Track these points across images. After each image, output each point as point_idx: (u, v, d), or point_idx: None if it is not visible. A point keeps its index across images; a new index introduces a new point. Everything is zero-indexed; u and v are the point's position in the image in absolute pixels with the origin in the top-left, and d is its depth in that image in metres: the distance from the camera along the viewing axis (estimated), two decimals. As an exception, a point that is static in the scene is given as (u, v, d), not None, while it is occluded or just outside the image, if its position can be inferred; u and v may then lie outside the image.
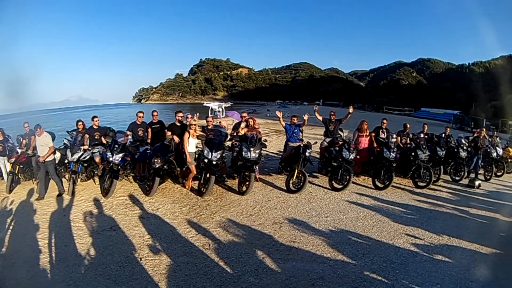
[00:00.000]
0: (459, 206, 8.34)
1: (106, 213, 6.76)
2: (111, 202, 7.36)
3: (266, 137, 14.79)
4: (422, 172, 9.58)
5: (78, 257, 4.99)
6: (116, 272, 4.51)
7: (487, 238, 6.43)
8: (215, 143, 7.74)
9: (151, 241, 5.36)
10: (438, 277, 4.87)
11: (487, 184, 11.07)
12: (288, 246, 5.46)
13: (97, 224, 6.14)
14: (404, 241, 6.01)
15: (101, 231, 5.87)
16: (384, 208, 7.74)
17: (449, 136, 12.08)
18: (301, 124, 9.66)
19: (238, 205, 7.21)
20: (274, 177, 9.71)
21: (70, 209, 6.96)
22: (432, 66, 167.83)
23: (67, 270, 4.61)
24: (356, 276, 4.65)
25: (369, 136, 10.41)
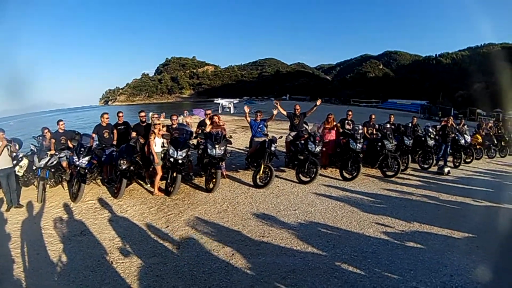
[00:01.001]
0: (429, 193, 8.72)
1: (76, 218, 6.73)
2: (80, 206, 7.33)
3: (233, 134, 15.00)
4: (389, 161, 9.99)
5: (50, 264, 4.94)
6: (88, 277, 4.54)
7: (459, 223, 6.74)
8: (180, 142, 7.88)
9: (121, 244, 5.41)
10: (411, 264, 5.03)
11: (456, 171, 11.68)
12: (257, 241, 5.57)
13: (67, 230, 6.10)
14: (374, 230, 6.20)
15: (72, 236, 5.83)
16: (353, 198, 8.02)
17: (416, 125, 12.63)
18: (267, 119, 9.92)
19: (206, 203, 7.36)
20: (241, 173, 9.90)
21: (41, 216, 6.87)
22: (399, 59, 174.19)
23: (41, 278, 4.60)
24: (328, 267, 4.77)
25: (336, 129, 10.72)
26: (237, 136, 17.18)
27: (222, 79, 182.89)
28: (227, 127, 18.70)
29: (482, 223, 6.90)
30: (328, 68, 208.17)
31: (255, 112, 10.09)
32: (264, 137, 9.37)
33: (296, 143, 9.67)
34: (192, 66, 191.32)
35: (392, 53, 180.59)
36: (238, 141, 15.24)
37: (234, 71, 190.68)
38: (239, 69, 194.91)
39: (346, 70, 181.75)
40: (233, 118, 31.18)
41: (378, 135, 10.60)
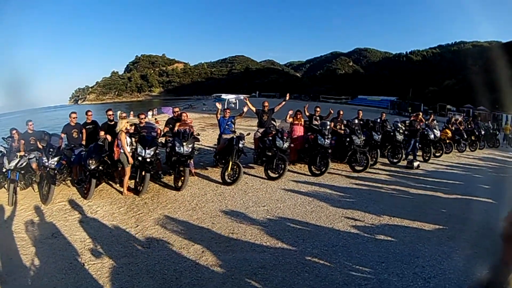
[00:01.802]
0: (399, 187, 9.03)
1: (47, 220, 6.64)
2: (51, 208, 7.22)
3: (202, 131, 15.37)
4: (358, 156, 10.33)
5: (23, 269, 4.88)
6: (61, 280, 4.54)
7: (429, 216, 6.98)
8: (148, 140, 7.98)
9: (92, 245, 5.43)
10: (382, 256, 5.17)
11: (426, 165, 12.16)
12: (227, 237, 5.66)
13: (39, 233, 6.02)
14: (344, 224, 6.35)
15: (44, 239, 5.75)
16: (322, 193, 8.20)
17: (385, 120, 13.09)
18: (235, 116, 10.13)
19: (175, 201, 7.47)
20: (210, 171, 10.00)
21: (12, 220, 6.74)
22: (369, 56, 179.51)
23: (15, 283, 4.57)
24: (298, 262, 4.86)
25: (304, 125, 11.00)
26: (206, 133, 17.35)
27: (191, 77, 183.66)
28: (197, 124, 18.71)
29: (453, 215, 7.16)
30: (298, 65, 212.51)
31: (224, 109, 10.26)
32: (232, 134, 9.52)
33: (264, 140, 9.82)
34: (161, 63, 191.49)
35: (363, 50, 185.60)
36: (207, 138, 15.42)
37: (204, 68, 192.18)
38: (209, 66, 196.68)
39: (316, 67, 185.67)
40: (202, 115, 31.22)
41: (346, 130, 10.86)
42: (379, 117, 13.15)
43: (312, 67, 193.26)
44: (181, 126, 9.05)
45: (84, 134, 9.12)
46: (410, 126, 12.57)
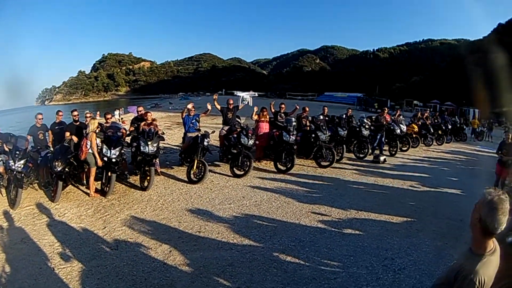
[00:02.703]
0: (365, 181, 9.29)
1: (15, 225, 6.51)
2: (19, 213, 7.08)
3: (168, 130, 15.40)
4: (324, 152, 10.51)
5: None
6: (32, 286, 4.51)
7: (397, 209, 7.19)
8: (113, 140, 7.96)
9: (61, 249, 5.40)
10: (350, 250, 5.28)
11: (392, 159, 12.57)
12: (194, 236, 5.72)
13: (8, 239, 5.92)
14: (310, 219, 6.47)
15: (13, 245, 5.65)
16: (288, 189, 8.31)
17: (351, 116, 13.56)
18: (199, 114, 10.22)
19: (142, 201, 7.49)
20: (176, 170, 10.03)
21: None
22: (336, 53, 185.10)
23: None
24: (266, 259, 4.96)
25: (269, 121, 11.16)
26: (172, 132, 17.44)
27: (158, 75, 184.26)
28: (163, 123, 18.58)
29: (421, 208, 7.38)
30: (265, 63, 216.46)
31: (186, 108, 10.30)
32: (197, 133, 9.58)
33: (229, 137, 9.91)
34: (128, 62, 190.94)
35: (330, 48, 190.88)
36: (173, 137, 15.47)
37: (170, 66, 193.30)
38: (175, 64, 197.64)
39: (282, 64, 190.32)
40: (168, 114, 31.45)
41: (312, 126, 11.02)
42: (345, 113, 13.48)
43: (279, 64, 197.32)
44: (145, 126, 9.07)
45: (50, 136, 9.02)
46: (376, 121, 13.00)
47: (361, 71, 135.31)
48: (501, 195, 1.94)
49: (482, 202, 1.97)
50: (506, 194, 1.96)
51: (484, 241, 2.00)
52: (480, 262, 1.94)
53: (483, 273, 1.91)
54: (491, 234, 1.96)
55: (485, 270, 1.92)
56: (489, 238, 1.99)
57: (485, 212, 1.92)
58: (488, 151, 16.24)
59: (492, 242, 2.02)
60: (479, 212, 1.96)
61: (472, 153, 16.41)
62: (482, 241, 2.00)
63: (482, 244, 2.00)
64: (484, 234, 1.97)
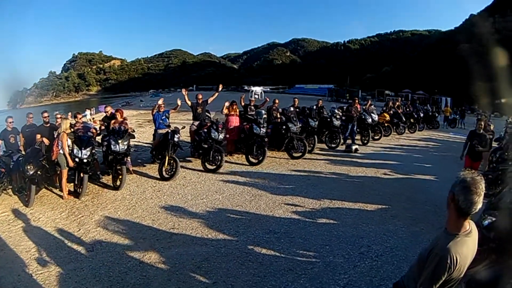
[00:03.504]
0: (338, 171, 9.46)
1: None
2: None
3: (140, 128, 15.43)
4: (295, 143, 10.65)
5: None
6: None
7: (371, 196, 7.33)
8: (83, 140, 7.90)
9: (38, 254, 5.35)
10: (326, 239, 5.35)
11: (364, 148, 12.87)
12: (168, 233, 5.75)
13: None
14: (284, 210, 6.54)
15: None
16: (261, 182, 8.38)
17: (322, 107, 13.62)
18: (169, 110, 10.19)
19: (115, 201, 7.46)
20: (148, 167, 9.98)
21: None
22: (307, 45, 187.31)
23: None
24: (241, 252, 5.02)
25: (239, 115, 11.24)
26: (144, 130, 17.39)
27: (128, 73, 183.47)
28: (134, 121, 18.34)
29: (395, 194, 7.54)
30: (235, 57, 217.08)
31: (157, 104, 10.30)
32: (167, 129, 9.56)
33: (199, 132, 9.93)
34: (99, 61, 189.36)
35: (300, 41, 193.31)
36: (145, 135, 15.44)
37: (141, 64, 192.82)
38: (146, 61, 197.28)
39: (253, 58, 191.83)
40: (139, 112, 31.35)
41: (282, 118, 11.16)
42: (315, 104, 13.62)
43: (249, 58, 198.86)
44: (115, 124, 9.01)
45: (22, 139, 8.90)
46: (347, 111, 13.23)
47: (332, 63, 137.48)
48: (476, 176, 1.96)
49: (455, 182, 2.00)
50: (481, 176, 1.98)
51: (458, 221, 2.01)
52: (453, 241, 1.96)
53: (455, 251, 1.92)
54: (466, 214, 1.97)
55: (458, 249, 1.94)
56: (464, 219, 2.00)
57: (458, 191, 1.94)
58: (461, 137, 16.58)
59: (468, 224, 2.04)
60: (452, 192, 1.99)
61: (444, 140, 16.89)
62: (457, 221, 2.02)
63: (457, 224, 2.02)
64: (459, 214, 1.98)
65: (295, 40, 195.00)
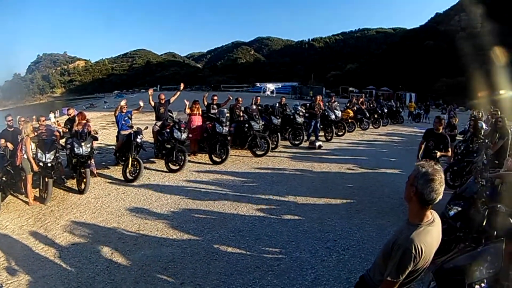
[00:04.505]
0: (302, 167, 9.60)
1: None
2: None
3: (104, 130, 15.33)
4: (258, 141, 10.75)
5: None
6: None
7: (335, 191, 7.48)
8: (47, 144, 7.77)
9: (6, 263, 5.27)
10: (291, 235, 5.42)
11: (328, 144, 13.12)
12: (134, 235, 5.74)
13: None
14: (248, 208, 6.59)
15: None
16: (225, 181, 8.43)
17: (285, 105, 13.87)
18: (132, 111, 10.13)
19: (80, 205, 7.39)
20: (112, 169, 9.88)
21: None
22: (271, 44, 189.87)
23: None
24: (207, 252, 5.05)
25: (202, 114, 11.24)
26: (108, 131, 17.11)
27: (93, 74, 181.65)
28: (98, 123, 18.05)
29: (360, 189, 7.72)
30: (199, 56, 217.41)
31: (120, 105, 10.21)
32: (130, 130, 9.50)
33: (162, 132, 9.90)
34: (63, 62, 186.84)
35: (264, 39, 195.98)
36: (109, 136, 15.17)
37: (105, 64, 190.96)
38: (110, 62, 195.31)
39: (217, 57, 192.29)
40: (103, 114, 30.95)
41: (245, 117, 11.21)
42: (278, 101, 13.75)
43: (213, 57, 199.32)
44: (78, 126, 8.88)
45: None
46: (310, 108, 13.38)
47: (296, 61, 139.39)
48: (435, 166, 2.00)
49: (416, 174, 2.03)
50: (439, 165, 2.03)
51: (421, 211, 2.04)
52: (416, 231, 1.98)
53: (419, 241, 1.94)
54: (428, 205, 2.01)
55: (422, 238, 1.96)
56: (426, 209, 2.04)
57: (421, 183, 1.97)
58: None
59: (431, 213, 2.07)
60: (414, 185, 2.01)
61: (409, 134, 17.36)
62: (419, 212, 2.05)
63: (419, 215, 2.05)
64: (422, 205, 2.01)
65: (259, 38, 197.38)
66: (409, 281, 2.07)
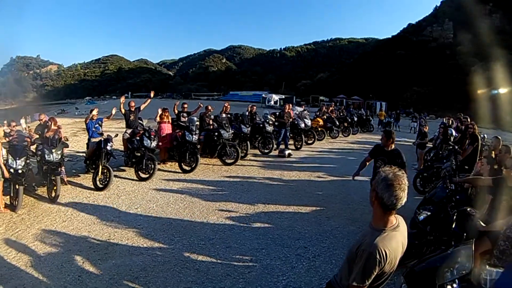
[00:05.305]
0: (272, 175, 9.72)
1: None
2: None
3: (75, 137, 15.26)
4: (228, 149, 10.82)
5: None
6: None
7: (305, 199, 7.59)
8: (18, 150, 7.65)
9: None
10: (262, 243, 5.47)
11: (298, 152, 13.31)
12: (104, 245, 5.69)
13: None
14: (218, 216, 6.64)
15: None
16: (194, 189, 8.43)
17: (255, 113, 13.90)
18: (102, 118, 10.06)
19: (51, 213, 7.26)
20: (82, 177, 9.74)
21: None
22: (243, 52, 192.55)
23: None
24: (177, 260, 5.05)
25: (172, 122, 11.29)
26: (79, 138, 16.91)
27: (65, 79, 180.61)
28: (69, 130, 17.97)
29: (330, 196, 7.86)
30: (171, 64, 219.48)
31: (90, 111, 10.10)
32: (100, 137, 9.38)
33: (132, 140, 9.85)
34: (36, 65, 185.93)
35: (236, 47, 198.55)
36: (80, 144, 14.98)
37: (77, 69, 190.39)
38: (82, 67, 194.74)
39: (189, 64, 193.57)
40: (75, 120, 30.17)
41: (214, 125, 11.26)
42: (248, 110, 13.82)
43: (185, 65, 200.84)
44: (49, 132, 8.81)
45: None
46: (279, 117, 13.59)
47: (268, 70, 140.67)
48: (397, 171, 2.03)
49: (377, 179, 2.07)
50: (402, 171, 2.05)
51: (384, 216, 2.07)
52: (380, 236, 2.01)
53: (383, 246, 1.97)
54: (391, 210, 2.03)
55: (386, 243, 1.99)
56: (390, 214, 2.06)
57: (381, 188, 2.01)
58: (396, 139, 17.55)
59: (395, 218, 2.11)
60: (375, 190, 2.05)
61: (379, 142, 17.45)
62: (382, 217, 2.08)
63: (383, 220, 2.08)
64: (384, 210, 2.04)
65: (231, 47, 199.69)
66: (376, 286, 2.10)
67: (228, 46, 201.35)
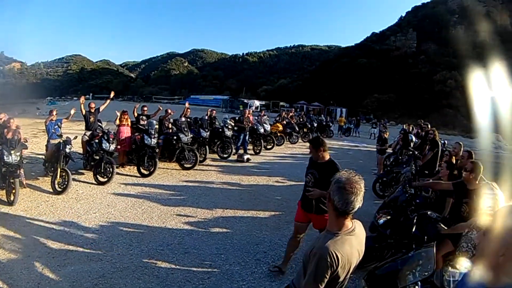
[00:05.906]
0: (230, 180, 9.77)
1: None
2: None
3: (35, 138, 14.84)
4: (186, 154, 10.77)
5: None
6: None
7: (264, 204, 7.68)
8: None
9: None
10: (220, 248, 5.47)
11: (257, 157, 13.45)
12: (63, 250, 5.55)
13: None
14: (176, 222, 6.59)
15: None
16: (152, 193, 8.35)
17: (214, 118, 14.08)
18: (62, 119, 9.85)
19: (9, 218, 6.98)
20: (41, 180, 9.45)
21: None
22: (206, 56, 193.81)
23: None
24: (136, 266, 4.98)
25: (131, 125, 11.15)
26: (39, 140, 16.22)
27: (27, 78, 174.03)
28: (29, 131, 17.56)
29: (288, 201, 7.93)
30: (133, 65, 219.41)
31: (50, 111, 9.99)
32: (59, 139, 9.16)
33: (91, 143, 9.70)
34: None
35: (199, 51, 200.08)
36: (39, 145, 14.39)
37: (40, 68, 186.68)
38: (45, 66, 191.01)
39: (151, 67, 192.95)
40: (35, 121, 29.06)
41: (173, 129, 11.24)
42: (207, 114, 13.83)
43: (147, 67, 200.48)
44: (9, 133, 8.53)
45: None
46: (238, 121, 13.66)
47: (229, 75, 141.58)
48: (352, 176, 2.03)
49: (331, 182, 2.08)
50: (359, 176, 2.05)
51: (338, 220, 2.07)
52: (332, 240, 2.00)
53: (334, 249, 1.96)
54: (344, 213, 2.02)
55: (338, 247, 1.98)
56: (344, 218, 2.05)
57: (333, 191, 2.02)
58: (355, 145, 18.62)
59: (351, 223, 2.11)
60: (329, 192, 2.08)
61: (339, 148, 18.17)
62: (336, 220, 2.07)
63: (336, 223, 2.07)
64: (337, 214, 2.04)
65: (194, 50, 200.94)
66: None
67: (191, 49, 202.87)
